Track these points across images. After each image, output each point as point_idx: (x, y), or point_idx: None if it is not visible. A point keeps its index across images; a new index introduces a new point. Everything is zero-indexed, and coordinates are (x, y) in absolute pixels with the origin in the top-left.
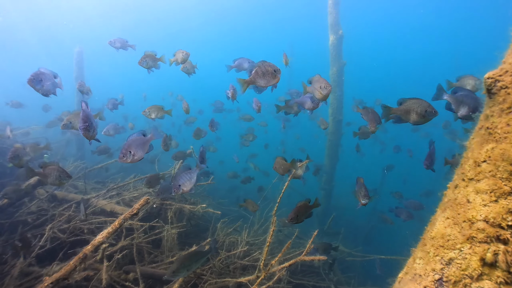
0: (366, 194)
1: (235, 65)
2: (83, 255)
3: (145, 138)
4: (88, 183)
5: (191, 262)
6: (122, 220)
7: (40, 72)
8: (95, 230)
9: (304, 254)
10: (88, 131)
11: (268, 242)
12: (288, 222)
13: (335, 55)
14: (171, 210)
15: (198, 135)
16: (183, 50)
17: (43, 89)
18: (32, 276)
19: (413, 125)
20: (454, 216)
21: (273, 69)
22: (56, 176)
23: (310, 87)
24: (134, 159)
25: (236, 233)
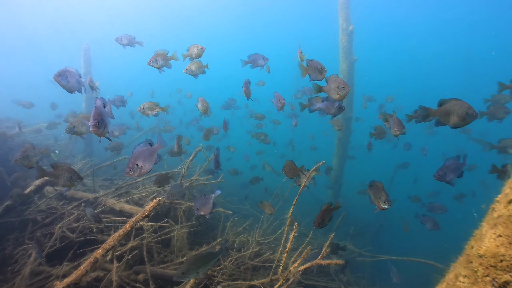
0: (388, 199)
1: (250, 60)
2: (94, 259)
3: (152, 148)
4: (96, 181)
5: (201, 263)
6: (134, 222)
7: (66, 70)
8: (104, 229)
9: (320, 258)
10: (98, 128)
11: (287, 248)
12: (315, 227)
13: (345, 51)
14: (180, 209)
15: (207, 136)
16: (198, 45)
17: (68, 85)
18: (42, 276)
19: (452, 127)
20: (510, 235)
21: (320, 67)
22: (67, 177)
23: (325, 86)
24: (141, 172)
25: (245, 232)
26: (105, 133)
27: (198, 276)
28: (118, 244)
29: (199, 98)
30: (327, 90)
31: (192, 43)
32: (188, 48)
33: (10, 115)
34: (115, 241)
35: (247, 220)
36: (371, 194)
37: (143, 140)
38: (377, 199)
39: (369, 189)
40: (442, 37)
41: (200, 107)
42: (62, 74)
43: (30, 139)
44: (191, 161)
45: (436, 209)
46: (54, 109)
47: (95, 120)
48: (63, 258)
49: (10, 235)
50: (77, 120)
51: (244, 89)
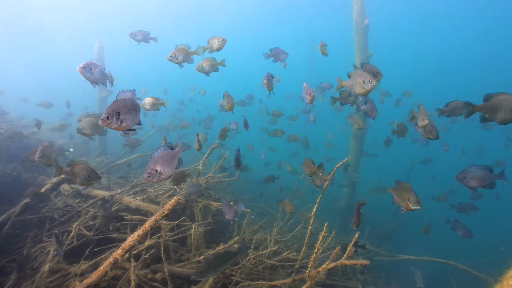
0: (419, 200)
1: (272, 54)
2: (114, 260)
3: (172, 152)
4: (111, 178)
5: (220, 262)
6: (153, 222)
7: (91, 62)
8: (120, 227)
9: (345, 258)
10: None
11: (316, 249)
12: (355, 227)
13: (361, 45)
14: (197, 207)
15: (223, 136)
16: (219, 37)
17: (92, 77)
18: (60, 274)
19: (499, 124)
20: None
21: (376, 71)
22: (85, 176)
23: (348, 81)
24: (160, 178)
25: (261, 231)
26: (122, 128)
27: (217, 275)
28: (137, 243)
29: (224, 93)
30: (351, 85)
31: (202, 39)
32: (209, 40)
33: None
34: (135, 241)
35: (262, 218)
36: (395, 195)
37: (155, 136)
38: (404, 200)
39: (392, 189)
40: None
41: (225, 104)
42: (86, 66)
43: (45, 137)
44: (207, 158)
45: (468, 209)
46: (69, 107)
47: (106, 114)
48: (80, 255)
49: (28, 232)
50: (85, 121)
51: (265, 81)
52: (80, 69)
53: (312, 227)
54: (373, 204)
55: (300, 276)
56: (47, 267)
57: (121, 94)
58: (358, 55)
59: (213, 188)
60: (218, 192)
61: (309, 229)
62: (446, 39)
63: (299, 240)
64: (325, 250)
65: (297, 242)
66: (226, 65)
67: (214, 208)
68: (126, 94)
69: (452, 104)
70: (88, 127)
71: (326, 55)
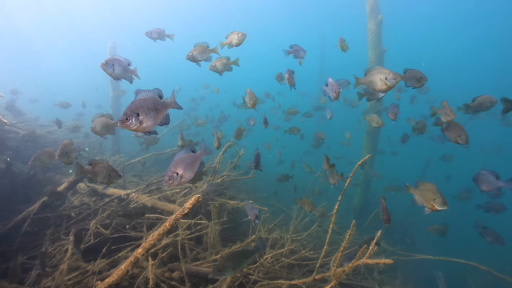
0: (445, 201)
1: (292, 50)
2: (134, 259)
3: (194, 155)
4: (126, 177)
5: (238, 260)
6: (173, 220)
7: (114, 58)
8: (136, 225)
9: (367, 257)
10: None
11: (342, 247)
12: (387, 225)
13: (374, 41)
14: (213, 206)
15: (239, 136)
16: (238, 32)
17: (114, 73)
18: (79, 271)
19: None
20: None
21: (420, 75)
22: (105, 174)
23: (365, 78)
24: (181, 181)
25: (277, 229)
26: (141, 129)
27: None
28: (158, 242)
29: (246, 90)
30: (368, 82)
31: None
32: (227, 35)
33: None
34: (155, 240)
35: (276, 217)
36: (417, 195)
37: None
38: (429, 201)
39: (414, 190)
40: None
41: (248, 101)
42: (108, 62)
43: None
44: (221, 156)
45: (495, 209)
46: (84, 107)
47: (124, 115)
48: (97, 253)
49: (46, 230)
50: (97, 121)
51: (287, 76)
52: (102, 66)
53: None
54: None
55: (321, 275)
56: (65, 265)
57: (142, 94)
58: (372, 51)
59: (228, 186)
60: (233, 190)
61: (330, 227)
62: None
63: (314, 238)
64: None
65: (312, 240)
66: (245, 63)
67: (230, 206)
68: (146, 94)
69: (479, 99)
70: (100, 127)
71: (345, 51)
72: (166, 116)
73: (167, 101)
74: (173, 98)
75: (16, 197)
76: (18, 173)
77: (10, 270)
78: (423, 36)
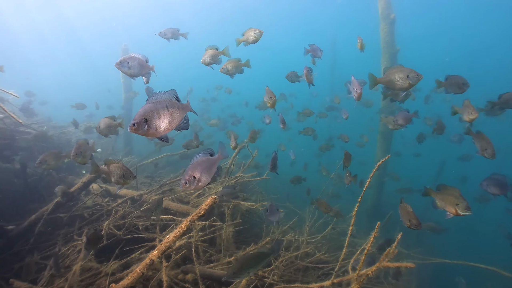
0: (468, 206)
1: (310, 49)
2: (150, 261)
3: (212, 159)
4: (138, 178)
5: (253, 263)
6: (190, 222)
7: (129, 56)
8: (149, 227)
9: (388, 260)
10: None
11: (366, 250)
12: (415, 227)
13: (387, 41)
14: (227, 207)
15: (253, 138)
16: (255, 29)
17: (129, 72)
18: (91, 272)
19: None
20: None
21: (462, 82)
22: (120, 175)
23: (383, 78)
24: (198, 185)
25: (291, 231)
26: (150, 135)
27: (249, 276)
28: (174, 244)
29: (265, 88)
30: (387, 81)
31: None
32: (244, 32)
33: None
34: (171, 241)
35: (289, 219)
36: (439, 199)
37: (179, 137)
38: (451, 205)
39: (435, 193)
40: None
41: (267, 100)
42: (123, 61)
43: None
44: (235, 157)
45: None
46: (97, 109)
47: (133, 121)
48: (110, 254)
49: (60, 230)
50: (101, 121)
51: (305, 72)
52: (117, 65)
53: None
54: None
55: (340, 279)
56: (79, 265)
57: (156, 96)
58: (385, 51)
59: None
60: (246, 191)
61: (350, 229)
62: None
63: (328, 241)
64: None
65: (325, 243)
66: (257, 64)
67: (244, 208)
68: (161, 96)
69: (505, 96)
70: (103, 127)
71: (363, 51)
72: (184, 120)
73: (185, 104)
74: (188, 102)
75: (30, 198)
76: (32, 174)
77: (24, 266)
78: (436, 34)
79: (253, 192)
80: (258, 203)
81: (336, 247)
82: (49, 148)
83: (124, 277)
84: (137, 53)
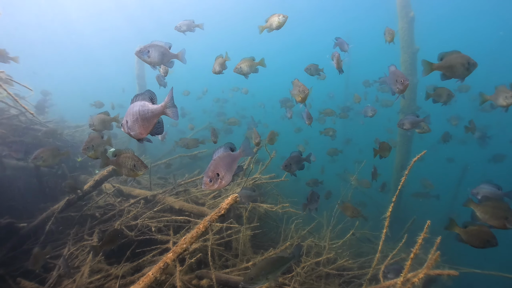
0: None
1: (337, 43)
2: (164, 264)
3: (233, 155)
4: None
5: (272, 268)
6: (208, 222)
7: (151, 44)
8: (163, 228)
9: (430, 267)
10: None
11: (413, 254)
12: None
13: (406, 40)
14: (245, 209)
15: (272, 140)
16: (279, 14)
17: (150, 60)
18: (101, 275)
19: None
20: None
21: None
22: (130, 165)
23: (442, 63)
24: (221, 184)
25: (310, 236)
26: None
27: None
28: (190, 247)
29: (294, 81)
30: (447, 67)
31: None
32: (267, 18)
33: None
34: (188, 243)
35: (307, 223)
36: (481, 211)
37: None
38: (498, 218)
39: (476, 205)
40: None
41: (296, 93)
42: (143, 49)
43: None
44: (255, 154)
45: None
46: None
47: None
48: (121, 256)
49: (70, 230)
50: (95, 118)
51: (336, 55)
52: (137, 53)
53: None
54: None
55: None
56: (87, 267)
57: (136, 98)
58: (404, 51)
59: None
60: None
61: (383, 232)
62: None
63: (348, 247)
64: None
65: (346, 249)
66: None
67: (263, 210)
68: (137, 98)
69: None
70: (97, 123)
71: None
72: (158, 125)
73: (157, 108)
74: (167, 103)
75: (43, 196)
76: (46, 173)
77: (32, 256)
78: (457, 31)
79: (269, 195)
80: (279, 205)
81: (357, 253)
82: (63, 148)
83: (135, 280)
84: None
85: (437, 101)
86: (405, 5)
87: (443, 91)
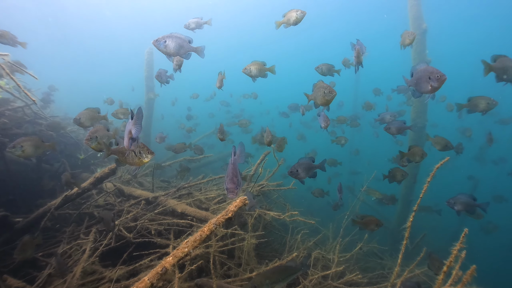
0: None
1: (357, 44)
2: (162, 269)
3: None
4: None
5: (277, 278)
6: (214, 225)
7: (169, 34)
8: (163, 232)
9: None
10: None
11: (446, 266)
12: None
13: (418, 52)
14: (252, 216)
15: (281, 146)
16: (297, 9)
17: (166, 50)
18: (94, 277)
19: None
20: None
21: None
22: (136, 152)
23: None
24: (239, 190)
25: (317, 248)
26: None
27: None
28: (192, 251)
29: (317, 83)
30: (500, 68)
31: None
32: (285, 14)
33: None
34: (190, 247)
35: (311, 234)
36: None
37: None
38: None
39: None
40: None
41: (321, 96)
42: (161, 39)
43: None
44: (259, 164)
45: None
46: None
47: None
48: (117, 258)
49: (67, 228)
50: (83, 113)
51: (357, 49)
52: (154, 42)
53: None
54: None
55: None
56: (80, 267)
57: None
58: (416, 62)
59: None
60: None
61: (403, 244)
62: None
63: (356, 261)
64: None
65: (354, 263)
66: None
67: (269, 218)
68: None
69: None
70: (85, 119)
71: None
72: None
73: None
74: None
75: (43, 193)
76: (48, 169)
77: (20, 243)
78: (471, 44)
79: (274, 203)
80: (287, 213)
81: (364, 267)
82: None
83: (129, 285)
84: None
85: (473, 112)
86: (417, 17)
87: (481, 100)
